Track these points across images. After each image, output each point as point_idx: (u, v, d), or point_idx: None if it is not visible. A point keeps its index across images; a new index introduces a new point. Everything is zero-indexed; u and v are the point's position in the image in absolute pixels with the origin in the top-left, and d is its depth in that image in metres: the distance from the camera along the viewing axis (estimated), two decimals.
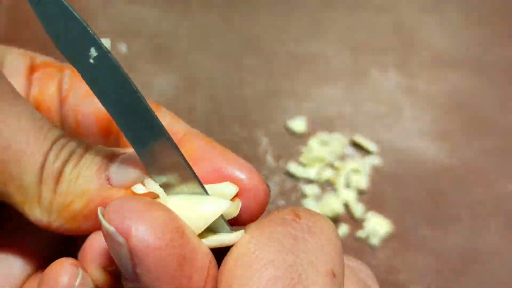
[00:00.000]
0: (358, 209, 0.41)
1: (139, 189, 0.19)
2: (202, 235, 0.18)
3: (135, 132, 0.17)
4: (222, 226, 0.18)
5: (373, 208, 0.42)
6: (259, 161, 0.43)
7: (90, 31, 0.16)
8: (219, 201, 0.18)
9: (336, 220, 0.41)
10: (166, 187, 0.18)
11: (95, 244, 0.20)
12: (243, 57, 0.47)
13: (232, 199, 0.19)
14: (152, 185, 0.18)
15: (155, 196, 0.18)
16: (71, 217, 0.20)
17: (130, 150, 0.19)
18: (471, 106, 0.45)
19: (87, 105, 0.23)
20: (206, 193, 0.19)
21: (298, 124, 0.44)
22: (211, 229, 0.18)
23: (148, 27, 0.48)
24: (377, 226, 0.41)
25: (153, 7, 0.49)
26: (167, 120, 0.23)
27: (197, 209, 0.18)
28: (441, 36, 0.47)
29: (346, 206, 0.42)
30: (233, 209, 0.19)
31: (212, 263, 0.18)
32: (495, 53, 0.47)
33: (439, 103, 0.45)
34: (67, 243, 0.23)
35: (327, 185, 0.43)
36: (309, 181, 0.43)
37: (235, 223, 0.19)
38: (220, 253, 0.18)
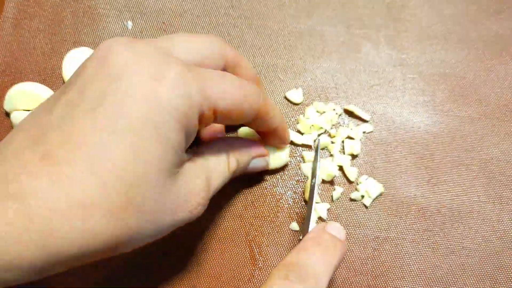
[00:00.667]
0: (352, 172, 0.44)
1: None
2: None
3: None
4: None
5: (366, 172, 0.45)
6: None
7: None
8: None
9: (332, 182, 0.44)
10: None
11: None
12: (243, 32, 0.49)
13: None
14: None
15: None
16: None
17: None
18: (457, 77, 0.47)
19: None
20: None
21: (295, 95, 0.47)
22: None
23: (152, 4, 0.50)
24: (370, 188, 0.43)
25: None
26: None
27: None
28: (429, 13, 0.50)
29: (341, 169, 0.45)
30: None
31: None
32: (480, 28, 0.49)
33: (428, 75, 0.47)
34: None
35: (324, 151, 0.45)
36: (307, 147, 0.46)
37: None
38: None
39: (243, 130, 0.44)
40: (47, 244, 0.25)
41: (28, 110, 0.45)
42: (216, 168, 0.36)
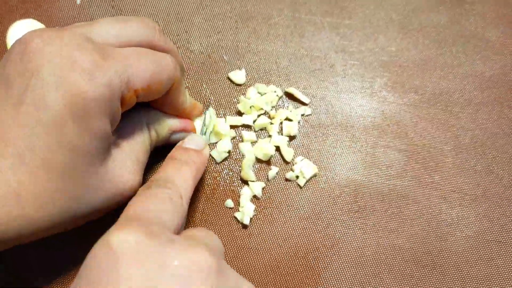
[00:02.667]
0: (288, 153, 0.45)
1: None
2: None
3: None
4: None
5: (302, 153, 0.46)
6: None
7: None
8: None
9: (268, 162, 0.45)
10: None
11: None
12: (191, 13, 0.50)
13: None
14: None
15: None
16: None
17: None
18: (396, 65, 0.49)
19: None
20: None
21: (238, 76, 0.48)
22: None
23: None
24: (304, 168, 0.44)
25: None
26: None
27: None
28: (372, 3, 0.51)
29: (278, 150, 0.46)
30: None
31: None
32: (419, 19, 0.50)
33: (368, 62, 0.49)
34: None
35: (263, 132, 0.46)
36: (247, 127, 0.46)
37: None
38: None
39: None
40: None
41: None
42: (139, 145, 0.38)
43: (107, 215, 0.36)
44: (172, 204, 0.31)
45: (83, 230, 0.36)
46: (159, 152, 0.42)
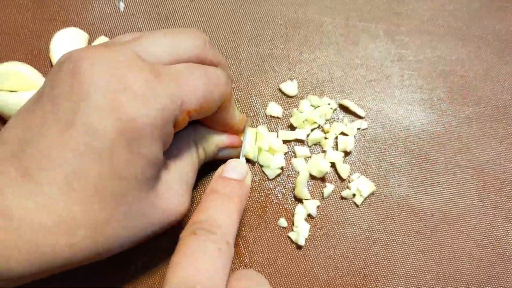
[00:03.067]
0: (344, 169, 0.43)
1: None
2: None
3: None
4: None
5: (359, 170, 0.43)
6: (251, 121, 0.45)
7: None
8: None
9: (323, 179, 0.43)
10: None
11: None
12: (239, 20, 0.48)
13: None
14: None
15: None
16: None
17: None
18: (457, 75, 0.46)
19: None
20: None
21: (290, 87, 0.45)
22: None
23: None
24: (362, 186, 0.42)
25: None
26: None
27: None
28: (431, 7, 0.48)
29: (334, 166, 0.43)
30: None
31: None
32: (482, 25, 0.48)
33: (426, 71, 0.46)
34: None
35: (316, 146, 0.44)
36: (300, 142, 0.44)
37: None
38: None
39: None
40: (35, 258, 0.27)
41: (14, 91, 0.43)
42: (189, 166, 0.36)
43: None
44: (221, 258, 0.29)
45: None
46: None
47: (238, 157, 0.41)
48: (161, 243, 0.41)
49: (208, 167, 0.42)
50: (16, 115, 0.31)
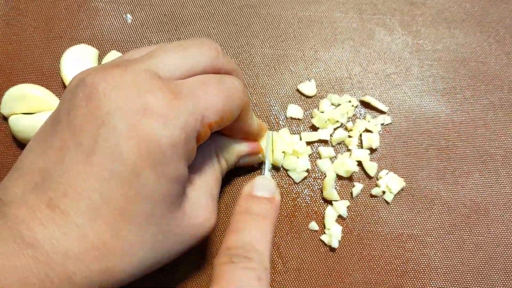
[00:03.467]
0: (371, 167, 0.42)
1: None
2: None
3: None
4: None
5: (386, 166, 0.43)
6: (270, 124, 0.44)
7: None
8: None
9: (350, 178, 0.42)
10: None
11: None
12: (250, 22, 0.47)
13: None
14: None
15: None
16: None
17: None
18: (477, 62, 0.45)
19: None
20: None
21: (308, 87, 0.44)
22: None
23: None
24: (391, 183, 0.41)
25: None
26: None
27: None
28: None
29: (360, 165, 0.43)
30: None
31: None
32: (498, 9, 0.47)
33: (446, 60, 0.45)
34: None
35: (341, 146, 0.43)
36: (324, 142, 0.43)
37: None
38: None
39: None
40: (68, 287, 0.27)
41: (27, 113, 0.43)
42: (213, 178, 0.36)
43: None
44: (262, 287, 0.28)
45: None
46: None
47: (258, 163, 0.41)
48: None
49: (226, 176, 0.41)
50: (33, 142, 0.31)
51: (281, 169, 0.42)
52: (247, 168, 0.42)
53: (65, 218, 0.27)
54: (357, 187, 0.42)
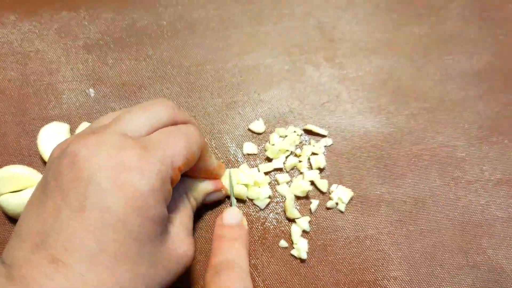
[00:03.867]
0: (323, 184, 0.49)
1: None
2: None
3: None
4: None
5: (335, 181, 0.50)
6: (231, 162, 0.50)
7: None
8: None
9: (307, 197, 0.49)
10: None
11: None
12: (198, 78, 0.54)
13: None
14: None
15: None
16: None
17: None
18: (394, 80, 0.53)
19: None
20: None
21: (258, 126, 0.52)
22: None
23: (109, 69, 0.54)
24: (341, 194, 0.48)
25: (110, 53, 0.55)
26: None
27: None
28: (357, 28, 0.56)
29: (313, 184, 0.50)
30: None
31: None
32: (405, 33, 0.56)
33: (368, 84, 0.53)
34: None
35: (294, 170, 0.50)
36: (279, 170, 0.50)
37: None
38: None
39: None
40: None
41: (16, 191, 0.47)
42: (186, 215, 0.42)
43: None
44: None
45: None
46: None
47: (221, 198, 0.48)
48: None
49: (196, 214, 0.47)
50: (27, 209, 0.35)
51: (247, 200, 0.49)
52: (212, 206, 0.49)
53: (68, 269, 0.30)
54: (314, 203, 0.48)
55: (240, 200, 0.49)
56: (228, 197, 0.48)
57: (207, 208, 0.48)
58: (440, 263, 0.47)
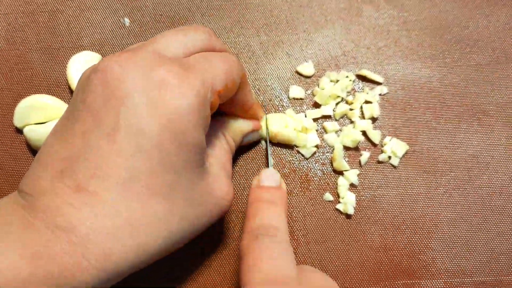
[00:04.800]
0: (375, 135, 0.45)
1: None
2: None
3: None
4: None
5: (389, 133, 0.45)
6: (275, 107, 0.46)
7: None
8: None
9: (357, 148, 0.45)
10: None
11: None
12: (243, 13, 0.49)
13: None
14: None
15: None
16: None
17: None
18: (459, 27, 0.48)
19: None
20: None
21: (307, 68, 0.47)
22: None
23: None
24: (395, 147, 0.44)
25: None
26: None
27: None
28: None
29: (365, 134, 0.45)
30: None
31: None
32: None
33: (431, 29, 0.48)
34: None
35: (344, 119, 0.46)
36: (328, 118, 0.46)
37: None
38: None
39: None
40: (105, 265, 0.28)
41: (41, 123, 0.44)
42: (225, 156, 0.38)
43: None
44: (288, 255, 0.32)
45: None
46: None
47: (260, 140, 0.44)
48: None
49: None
50: (50, 137, 0.32)
51: (294, 147, 0.45)
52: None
53: (95, 198, 0.28)
54: (365, 155, 0.44)
55: (276, 144, 0.44)
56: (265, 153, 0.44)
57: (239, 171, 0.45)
58: (497, 229, 0.43)
